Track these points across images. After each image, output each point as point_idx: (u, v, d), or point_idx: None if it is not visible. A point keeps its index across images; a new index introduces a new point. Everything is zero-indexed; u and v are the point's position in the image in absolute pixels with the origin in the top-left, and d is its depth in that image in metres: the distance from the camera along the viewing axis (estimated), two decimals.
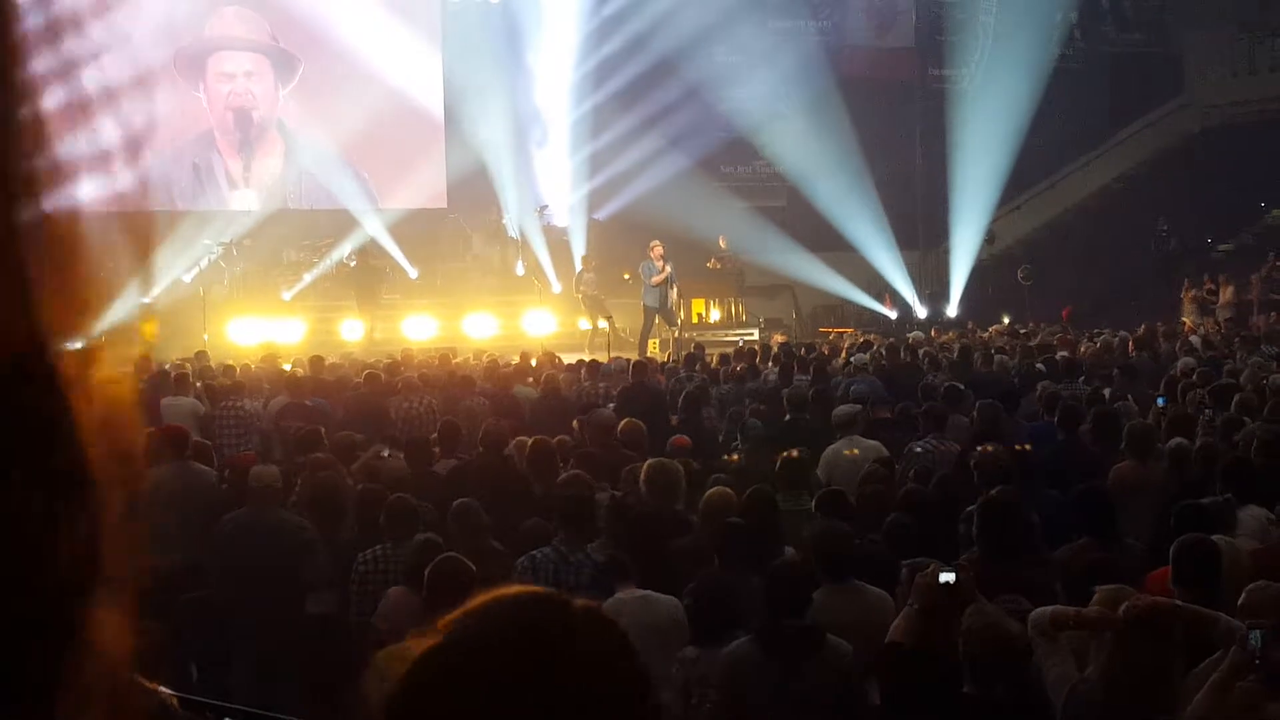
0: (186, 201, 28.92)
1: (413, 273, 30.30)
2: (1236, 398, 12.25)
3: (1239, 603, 5.60)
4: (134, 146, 1.13)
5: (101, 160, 1.10)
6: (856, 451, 11.07)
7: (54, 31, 1.12)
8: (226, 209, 29.87)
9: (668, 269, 24.91)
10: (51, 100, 1.03)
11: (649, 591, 7.08)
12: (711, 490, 8.74)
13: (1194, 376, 14.29)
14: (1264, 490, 8.31)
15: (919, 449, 11.17)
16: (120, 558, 1.16)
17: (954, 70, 34.25)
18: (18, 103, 1.08)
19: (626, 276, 28.61)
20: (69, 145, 1.03)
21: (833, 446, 11.35)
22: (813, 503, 8.65)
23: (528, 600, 1.75)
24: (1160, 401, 13.39)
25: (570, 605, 1.74)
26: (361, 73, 30.64)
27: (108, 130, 1.04)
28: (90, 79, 1.04)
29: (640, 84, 31.93)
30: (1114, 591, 5.75)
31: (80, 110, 1.10)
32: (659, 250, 24.94)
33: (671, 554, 7.99)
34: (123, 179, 1.06)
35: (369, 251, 28.11)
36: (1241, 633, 5.06)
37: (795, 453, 9.70)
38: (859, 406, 12.64)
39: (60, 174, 1.10)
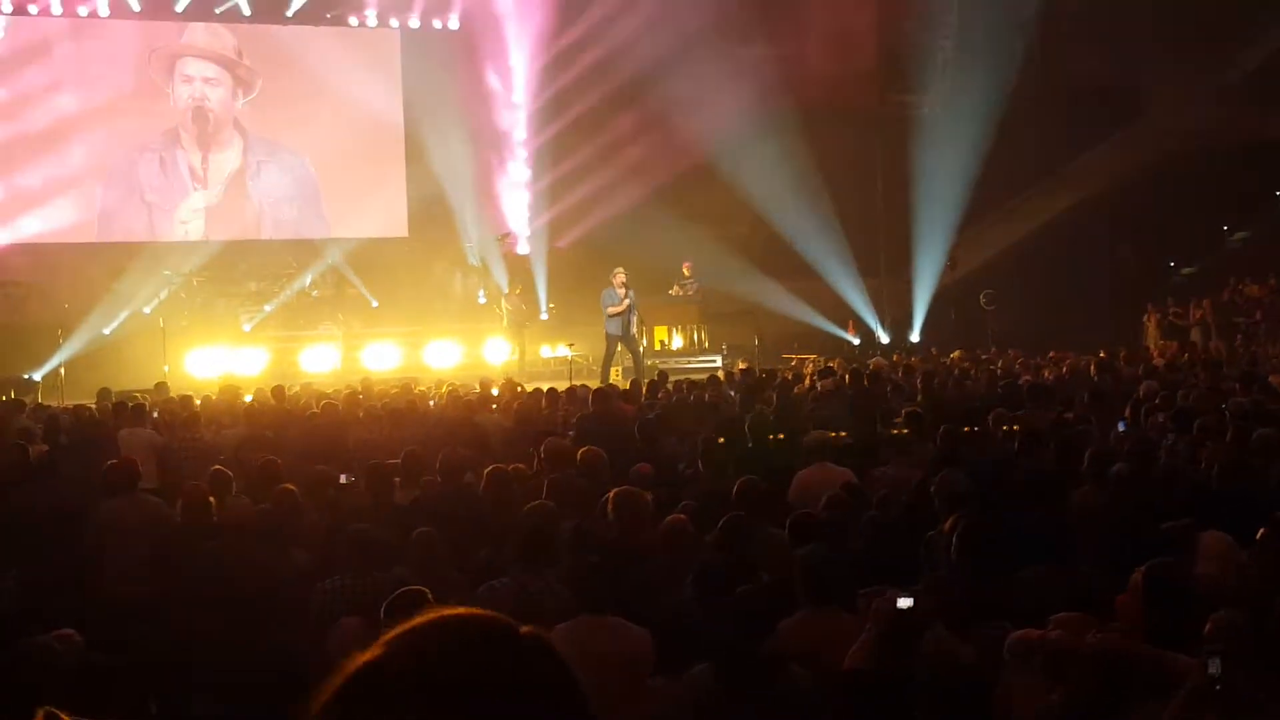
0: (153, 193, 30.16)
1: (373, 302, 30.29)
2: (1198, 422, 12.27)
3: (1204, 630, 5.57)
4: None
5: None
6: (827, 476, 11.02)
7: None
8: (185, 238, 30.14)
9: (628, 300, 24.83)
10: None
11: (617, 620, 7.03)
12: (670, 517, 8.70)
13: (1156, 400, 14.34)
14: (1225, 514, 8.29)
15: (881, 475, 11.15)
16: None
17: (915, 96, 34.34)
18: None
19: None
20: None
21: (802, 472, 11.30)
22: (788, 527, 8.59)
23: (471, 622, 1.74)
24: (1120, 425, 13.41)
25: (513, 631, 1.75)
26: (321, 99, 31.07)
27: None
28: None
29: (601, 111, 32.01)
30: (1074, 618, 5.74)
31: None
32: (621, 278, 24.87)
33: (638, 582, 7.95)
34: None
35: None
36: (1201, 660, 5.04)
37: (750, 478, 9.65)
38: (827, 432, 12.64)
39: None
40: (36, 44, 29.71)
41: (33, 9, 29.30)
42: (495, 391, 19.32)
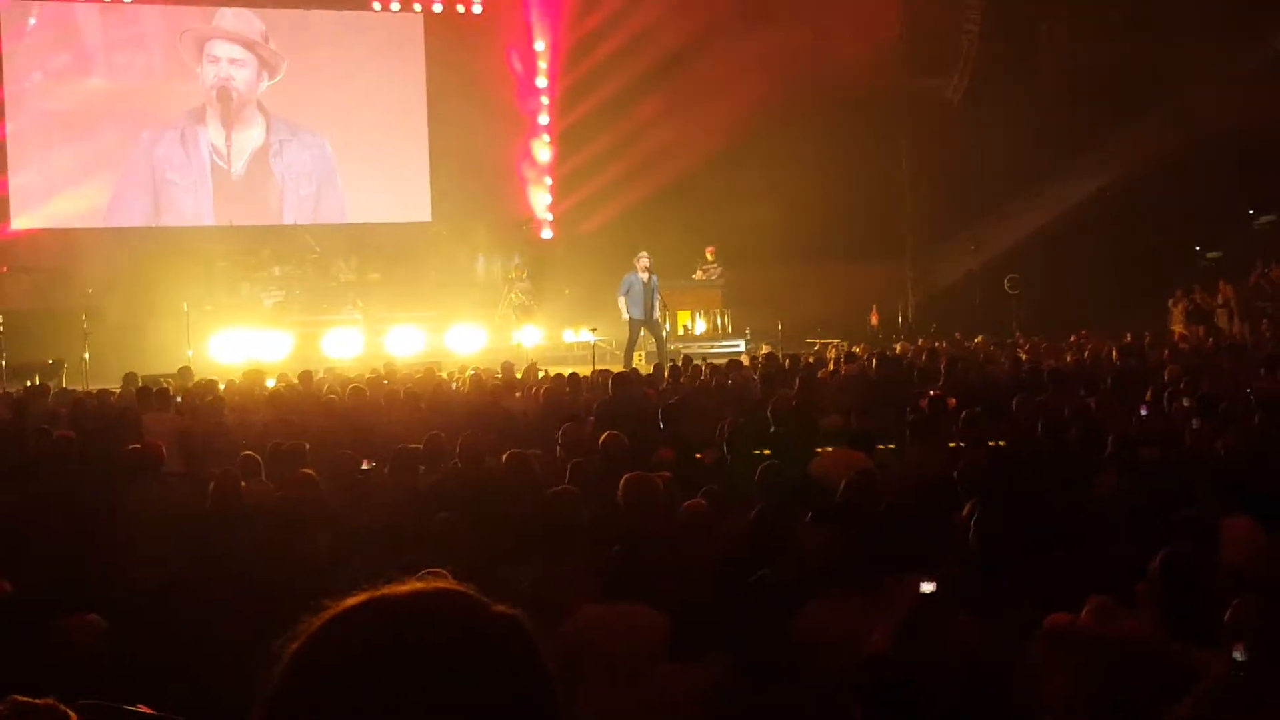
0: (173, 171, 30.56)
1: (396, 287, 30.31)
2: (1223, 406, 12.21)
3: (1225, 618, 5.54)
4: None
5: None
6: (846, 460, 10.98)
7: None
8: (198, 220, 30.22)
9: (633, 285, 24.76)
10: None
11: (635, 606, 7.00)
12: (689, 502, 8.69)
13: (1181, 385, 14.26)
14: (1250, 500, 8.25)
15: (903, 459, 11.13)
16: None
17: (940, 79, 34.19)
18: None
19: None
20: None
21: (823, 457, 11.26)
22: (807, 513, 8.56)
23: (447, 596, 1.74)
24: (1142, 411, 13.35)
25: (486, 609, 1.74)
26: (345, 83, 31.26)
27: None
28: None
29: (625, 95, 31.97)
30: (1107, 602, 5.72)
31: None
32: (645, 262, 24.82)
33: (655, 568, 7.93)
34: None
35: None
36: (1224, 649, 5.02)
37: (773, 463, 9.63)
38: (850, 417, 12.60)
39: None
40: (67, 27, 29.95)
41: None
42: (519, 376, 19.34)
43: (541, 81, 33.79)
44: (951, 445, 11.33)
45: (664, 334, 26.03)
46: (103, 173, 30.02)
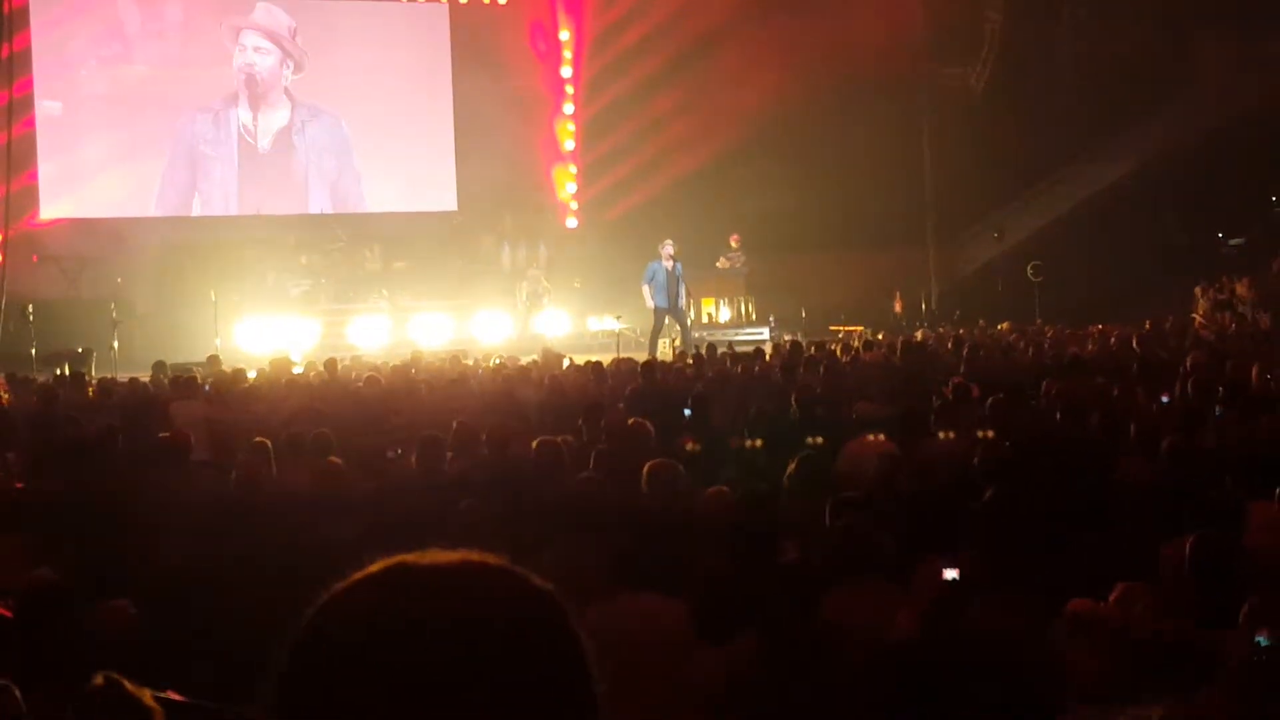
0: (206, 144, 31.19)
1: (422, 275, 30.38)
2: (1247, 393, 12.21)
3: (1245, 607, 5.56)
4: None
5: None
6: (874, 448, 11.00)
7: None
8: (226, 208, 30.40)
9: (674, 265, 24.72)
10: None
11: (654, 595, 7.03)
12: (713, 489, 8.73)
13: (1204, 372, 14.25)
14: (1275, 486, 8.25)
15: (927, 446, 11.15)
16: None
17: (962, 67, 34.13)
18: None
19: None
20: None
21: (850, 444, 11.28)
22: (831, 501, 8.58)
23: (489, 568, 1.67)
24: (1164, 399, 13.34)
25: (525, 580, 1.67)
26: (371, 74, 31.47)
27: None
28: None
29: (650, 84, 32.00)
30: (1135, 588, 5.75)
31: None
32: (669, 250, 24.81)
33: (679, 554, 7.97)
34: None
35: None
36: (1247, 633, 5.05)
37: (809, 451, 9.66)
38: (874, 404, 12.64)
39: None
40: (100, 16, 30.24)
41: None
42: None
43: (566, 70, 33.84)
44: (976, 432, 11.34)
45: (688, 322, 26.02)
46: (133, 162, 30.19)
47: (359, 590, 1.64)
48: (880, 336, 24.64)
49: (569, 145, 34.06)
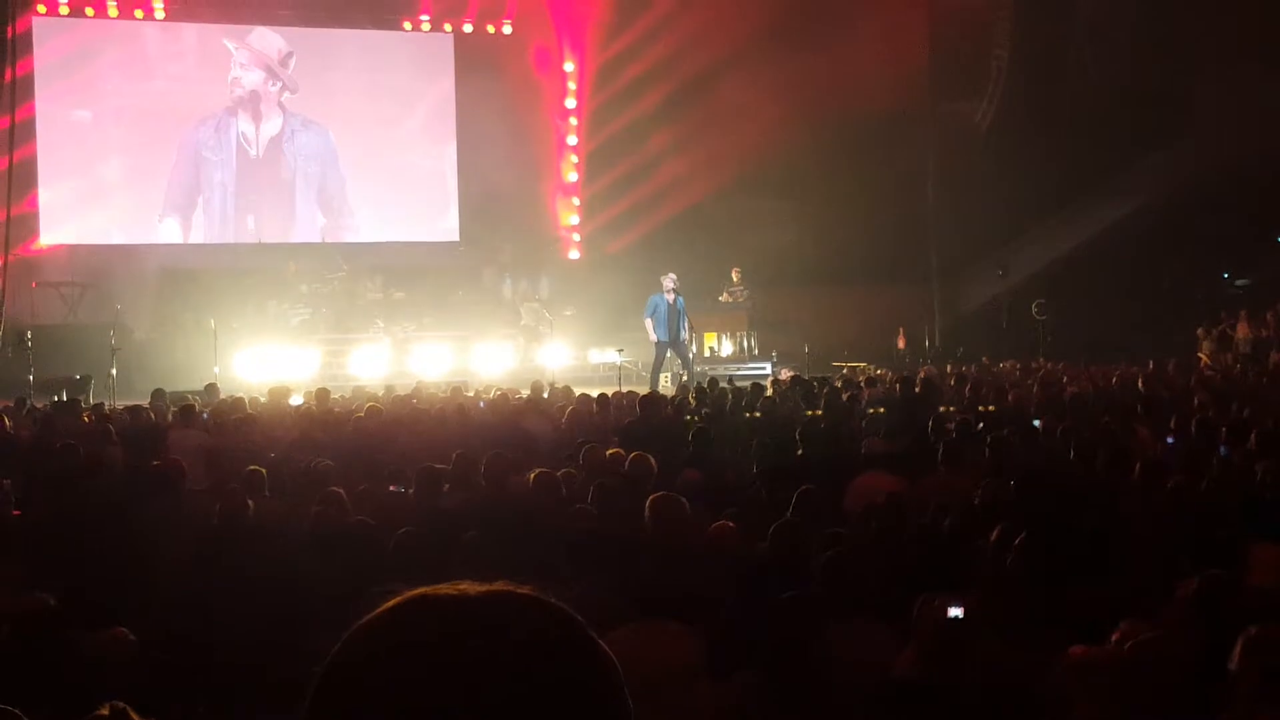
0: (207, 150, 31.88)
1: (423, 306, 30.38)
2: (1253, 434, 12.16)
3: (1238, 646, 5.49)
4: None
5: None
6: (879, 484, 10.93)
7: None
8: (235, 237, 30.44)
9: (676, 299, 24.65)
10: None
11: (667, 624, 6.97)
12: (717, 523, 8.67)
13: (1210, 412, 14.21)
14: (1278, 527, 8.20)
15: (931, 483, 11.08)
16: None
17: (967, 104, 34.17)
18: None
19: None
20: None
21: (855, 481, 11.21)
22: (817, 536, 8.53)
23: (522, 598, 1.63)
24: (1169, 440, 13.29)
25: (560, 610, 1.64)
26: (375, 104, 31.61)
27: None
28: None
29: (653, 117, 32.06)
30: (1139, 628, 5.69)
31: None
32: (670, 283, 24.73)
33: (683, 587, 7.90)
34: None
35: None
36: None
37: (809, 487, 9.60)
38: (878, 440, 12.58)
39: None
40: (100, 45, 30.42)
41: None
42: (545, 395, 19.37)
43: (570, 102, 33.92)
44: (980, 470, 11.28)
45: (690, 355, 25.95)
46: (133, 188, 30.48)
47: (386, 622, 1.61)
48: (883, 373, 24.59)
49: (572, 177, 34.11)
